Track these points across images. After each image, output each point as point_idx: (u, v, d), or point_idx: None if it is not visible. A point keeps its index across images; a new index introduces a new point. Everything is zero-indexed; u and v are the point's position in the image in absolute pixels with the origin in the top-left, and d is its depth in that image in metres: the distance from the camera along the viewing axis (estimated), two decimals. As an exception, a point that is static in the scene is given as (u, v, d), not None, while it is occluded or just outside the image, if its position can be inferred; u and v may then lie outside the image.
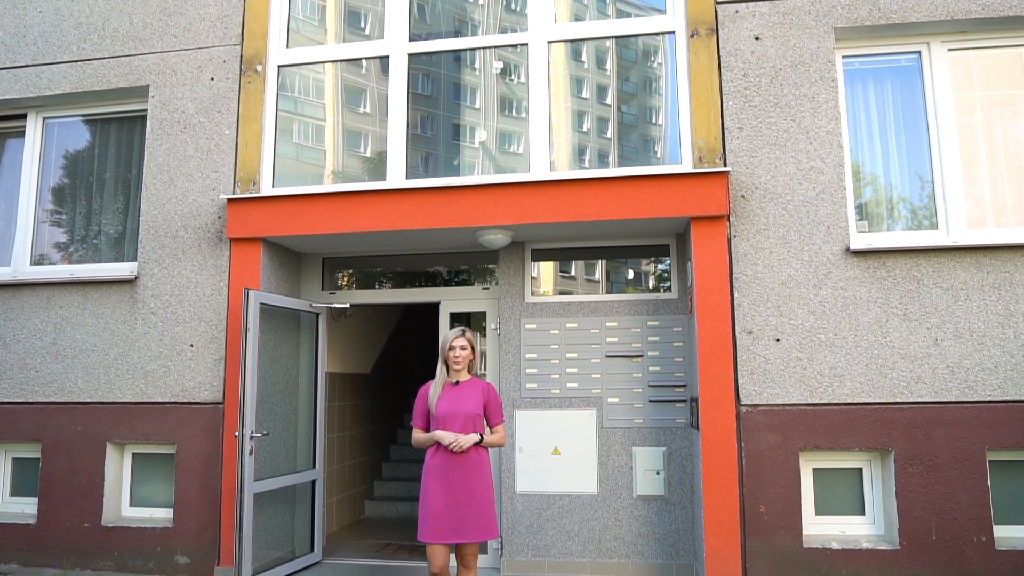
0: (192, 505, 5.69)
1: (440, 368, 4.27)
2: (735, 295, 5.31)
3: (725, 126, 5.48)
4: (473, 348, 4.26)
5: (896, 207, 5.53)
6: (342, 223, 5.64)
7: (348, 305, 6.31)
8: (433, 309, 11.02)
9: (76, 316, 6.08)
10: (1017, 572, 4.87)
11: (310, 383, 6.19)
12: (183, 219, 6.04)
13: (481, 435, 4.13)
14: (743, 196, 5.39)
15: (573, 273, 6.15)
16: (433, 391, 4.20)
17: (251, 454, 5.28)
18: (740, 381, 5.24)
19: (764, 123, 5.45)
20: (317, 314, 6.26)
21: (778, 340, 5.24)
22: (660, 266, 6.05)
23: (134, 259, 6.21)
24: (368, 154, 6.17)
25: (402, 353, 9.41)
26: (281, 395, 5.84)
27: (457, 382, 4.24)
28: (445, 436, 4.02)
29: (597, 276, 6.12)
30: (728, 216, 5.34)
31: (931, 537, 4.96)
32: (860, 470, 5.32)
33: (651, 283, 6.07)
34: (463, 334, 4.26)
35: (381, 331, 8.76)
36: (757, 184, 5.39)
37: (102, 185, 6.51)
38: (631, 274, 6.14)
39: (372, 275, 6.72)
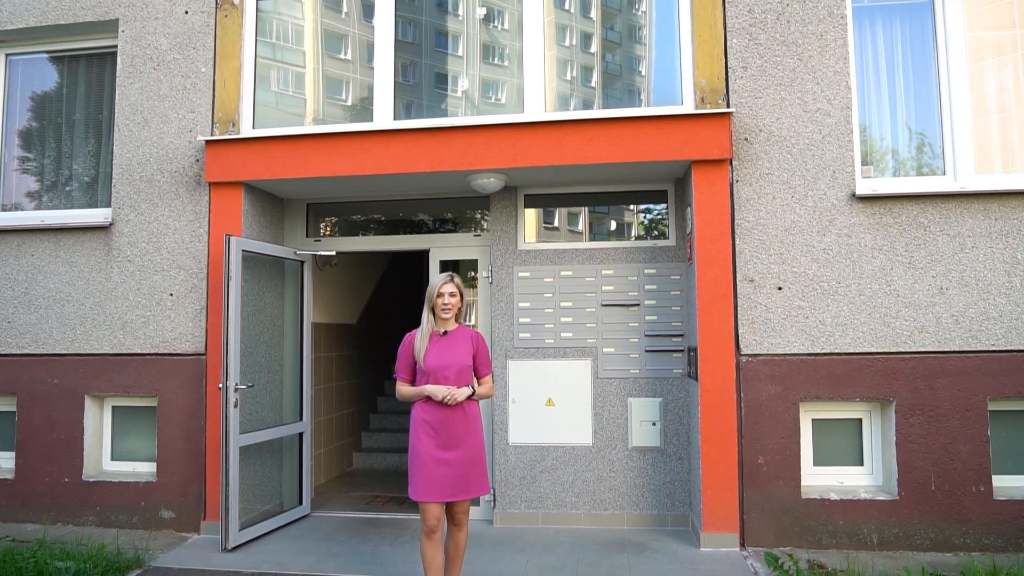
0: (176, 459, 5.53)
1: (426, 317, 3.92)
2: (736, 242, 5.14)
3: (729, 65, 5.24)
4: (462, 295, 3.98)
5: (903, 152, 5.34)
6: (327, 167, 5.38)
7: (334, 253, 6.07)
8: (419, 258, 10.82)
9: (48, 264, 5.81)
10: (1015, 521, 4.84)
11: (296, 333, 5.99)
12: (159, 162, 5.74)
13: (474, 388, 3.90)
14: (746, 139, 5.17)
15: (556, 224, 5.94)
16: (420, 342, 3.91)
17: (236, 406, 5.10)
18: (740, 330, 5.10)
19: (769, 62, 5.21)
20: (302, 262, 6.03)
21: (780, 288, 5.10)
22: (652, 213, 5.85)
23: (108, 205, 5.92)
24: (350, 102, 5.88)
25: (389, 303, 9.21)
26: (266, 346, 5.64)
27: (445, 332, 3.97)
28: (438, 391, 3.78)
29: (580, 227, 5.92)
30: (731, 160, 5.14)
31: (930, 487, 4.91)
32: (859, 421, 5.24)
33: (646, 231, 5.87)
34: (452, 279, 3.95)
35: (367, 281, 8.54)
36: (761, 126, 5.17)
37: (72, 127, 6.17)
38: (613, 225, 5.92)
39: (359, 222, 6.47)
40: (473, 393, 3.87)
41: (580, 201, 5.91)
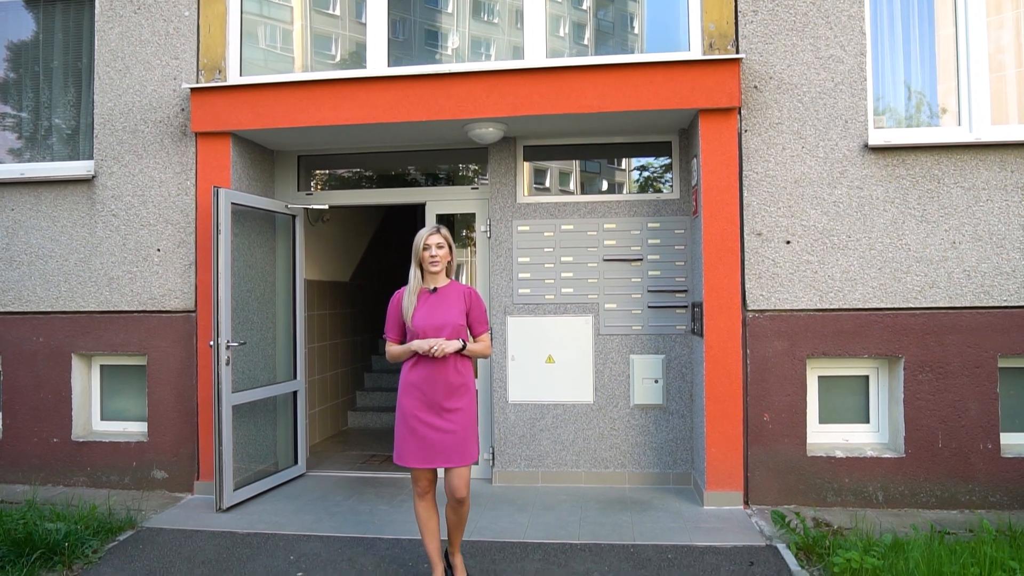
0: (167, 418, 5.40)
1: (414, 273, 3.62)
2: (744, 194, 4.97)
3: (738, 9, 5.01)
4: (451, 247, 3.70)
5: (916, 101, 5.15)
6: (319, 115, 5.15)
7: (327, 207, 5.87)
8: (413, 215, 10.60)
9: (29, 219, 5.59)
10: (1022, 478, 4.78)
11: (288, 290, 5.82)
12: (142, 112, 5.49)
13: (464, 342, 3.56)
14: (756, 87, 4.97)
15: (547, 184, 5.74)
16: (408, 300, 3.58)
17: (228, 364, 4.95)
18: (747, 285, 4.96)
19: (781, 6, 4.99)
20: (293, 216, 5.82)
21: (788, 242, 4.95)
22: (655, 166, 5.66)
23: (90, 157, 5.68)
24: (339, 58, 5.64)
25: (382, 261, 9.04)
26: (258, 303, 5.47)
27: (435, 288, 3.64)
28: (422, 344, 3.50)
29: (572, 187, 5.72)
30: (739, 108, 4.95)
31: (937, 445, 4.84)
32: (866, 378, 5.14)
33: (649, 184, 5.68)
34: (438, 230, 3.61)
35: (360, 238, 8.34)
36: (772, 73, 4.97)
37: (50, 76, 5.89)
38: (604, 185, 5.72)
39: (352, 175, 6.25)
40: (464, 348, 3.56)
41: (581, 153, 5.71)
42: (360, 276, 8.25)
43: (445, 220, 5.90)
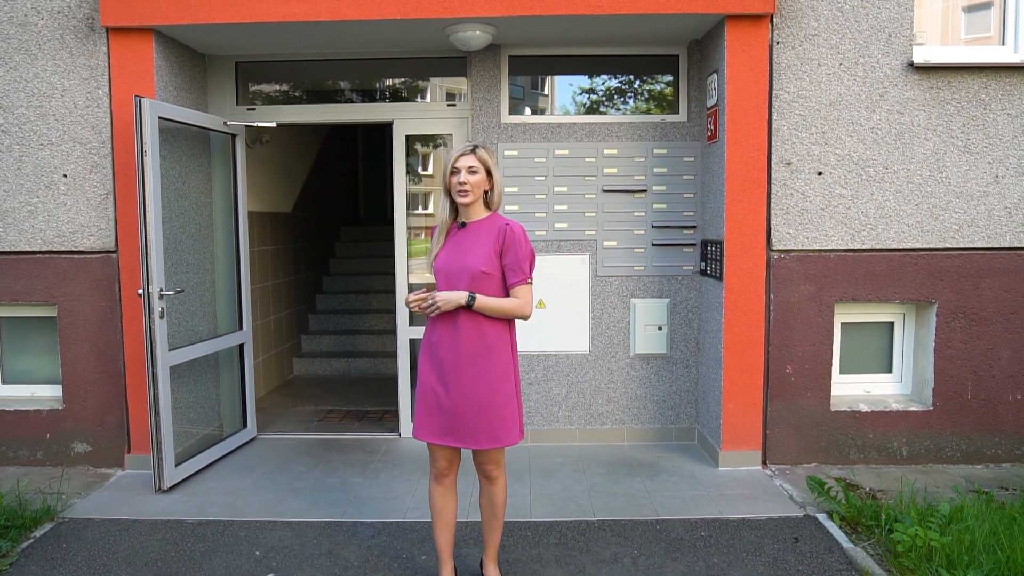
0: (87, 381, 4.47)
1: (442, 203, 2.89)
2: (773, 117, 4.33)
3: None
4: (490, 172, 2.82)
5: (961, 14, 4.58)
6: (267, 8, 4.15)
7: (273, 124, 4.89)
8: (355, 136, 9.57)
9: None
10: (1049, 429, 4.49)
11: (229, 224, 4.89)
12: (34, -1, 4.35)
13: (471, 295, 2.74)
14: (791, -10, 4.28)
15: (538, 100, 4.96)
16: (435, 238, 2.94)
17: (162, 318, 4.06)
18: (772, 222, 4.37)
19: None
20: (233, 136, 4.84)
21: (820, 173, 4.36)
22: (660, 82, 4.94)
23: (-32, 57, 4.52)
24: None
25: (325, 189, 8.07)
26: (193, 240, 4.54)
27: (464, 223, 2.89)
28: (408, 297, 2.77)
29: (562, 102, 4.94)
30: (772, 16, 4.25)
31: (966, 396, 4.47)
32: (891, 325, 4.70)
33: (654, 103, 4.96)
34: (473, 151, 2.80)
35: (301, 162, 7.34)
36: (809, -25, 4.27)
37: (-93, -50, 4.61)
38: (609, 99, 4.97)
39: (303, 86, 5.23)
40: (469, 303, 2.74)
41: (573, 68, 4.92)
42: (302, 207, 7.29)
43: (417, 141, 5.05)
